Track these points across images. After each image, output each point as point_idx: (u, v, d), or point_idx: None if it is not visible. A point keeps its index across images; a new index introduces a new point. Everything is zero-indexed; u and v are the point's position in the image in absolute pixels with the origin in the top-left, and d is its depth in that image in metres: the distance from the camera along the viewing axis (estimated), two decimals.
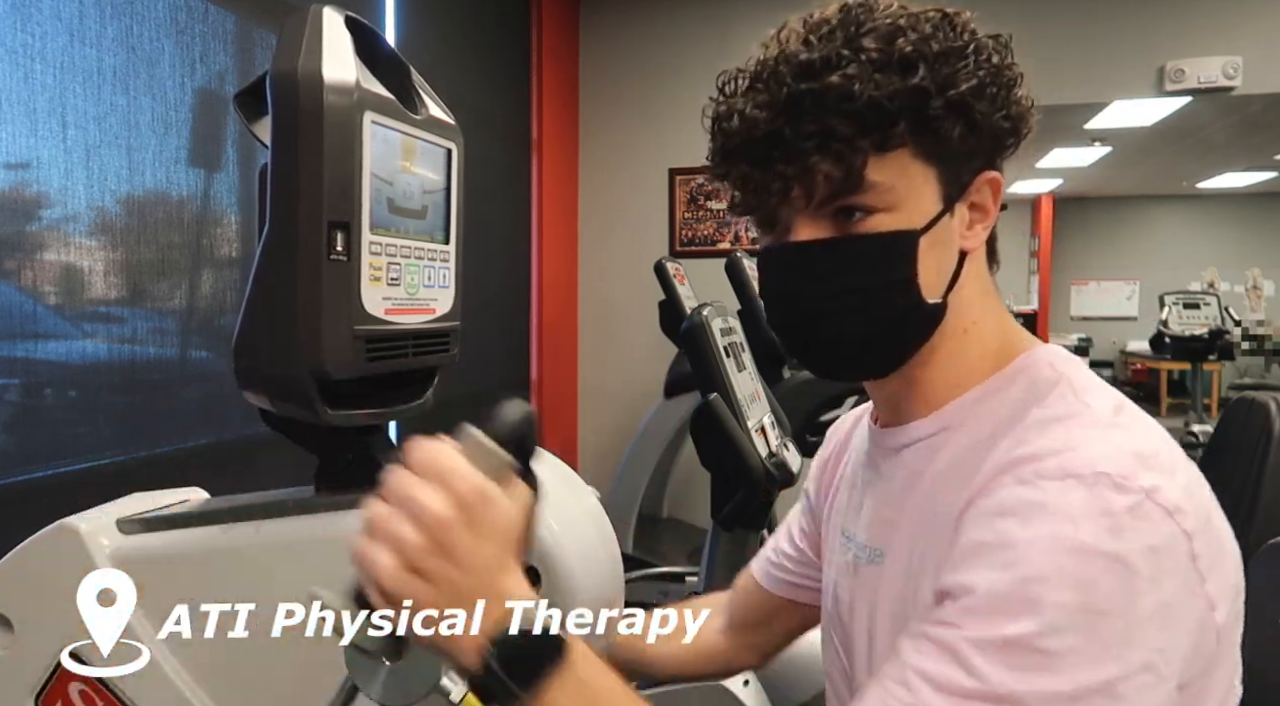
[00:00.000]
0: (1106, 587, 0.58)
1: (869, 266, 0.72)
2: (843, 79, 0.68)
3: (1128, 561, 0.58)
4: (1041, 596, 0.58)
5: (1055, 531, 0.60)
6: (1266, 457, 1.26)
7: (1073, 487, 0.61)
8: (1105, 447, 0.64)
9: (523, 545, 0.62)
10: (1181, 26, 3.43)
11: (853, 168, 0.69)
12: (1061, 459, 0.63)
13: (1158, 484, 0.61)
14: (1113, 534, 0.59)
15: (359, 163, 0.70)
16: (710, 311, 1.75)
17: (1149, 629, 0.59)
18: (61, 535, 0.79)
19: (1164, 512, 0.60)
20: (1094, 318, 10.16)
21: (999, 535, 0.62)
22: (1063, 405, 0.70)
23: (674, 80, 3.86)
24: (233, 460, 1.91)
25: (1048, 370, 0.74)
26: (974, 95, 0.70)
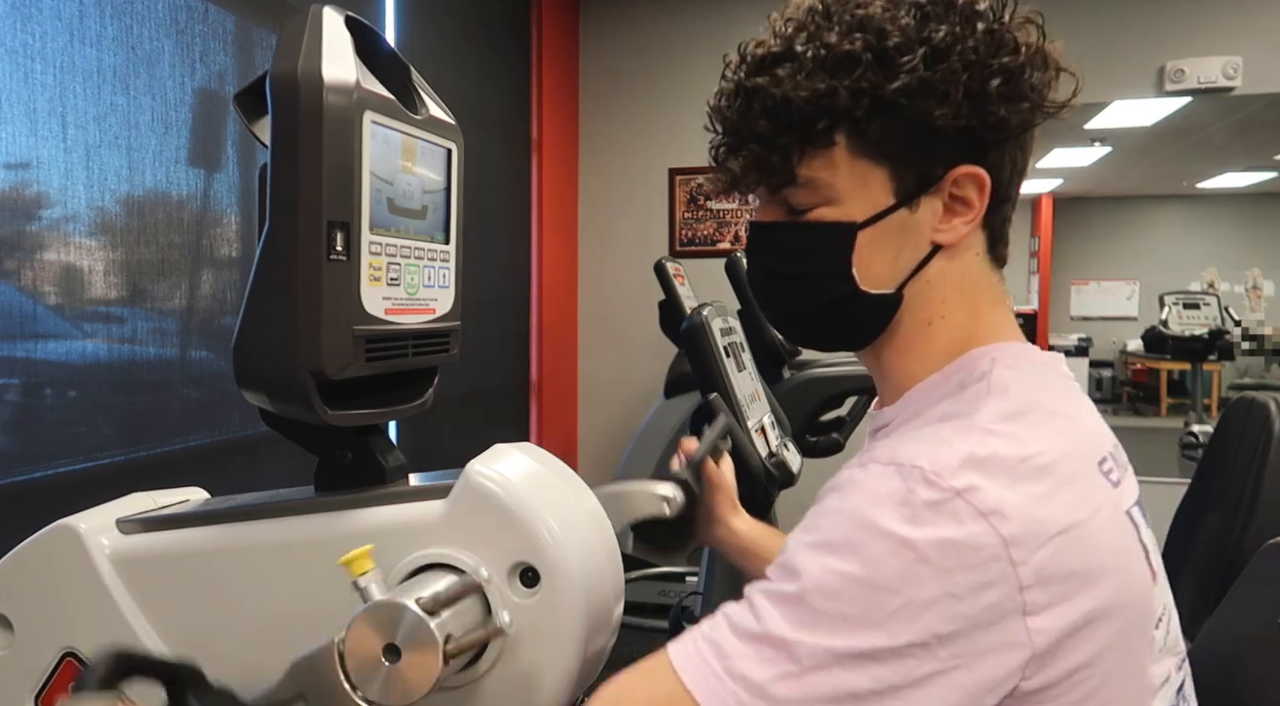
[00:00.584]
0: (889, 567, 0.61)
1: (803, 253, 0.77)
2: (769, 81, 0.72)
3: (916, 547, 0.61)
4: (826, 561, 0.62)
5: (857, 506, 0.64)
6: (1266, 457, 1.26)
7: (889, 475, 0.64)
8: (943, 448, 0.65)
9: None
10: (1181, 26, 3.43)
11: (774, 165, 0.74)
12: (898, 449, 0.67)
13: (976, 485, 0.62)
14: (908, 521, 0.62)
15: (359, 163, 0.70)
16: (710, 311, 1.75)
17: (928, 613, 0.60)
18: (61, 535, 0.79)
19: (974, 512, 0.61)
20: (1094, 317, 10.15)
21: (820, 505, 0.68)
22: (964, 404, 0.71)
23: (674, 80, 3.86)
24: (233, 460, 1.91)
25: (984, 366, 0.75)
26: (909, 94, 0.70)
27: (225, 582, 0.77)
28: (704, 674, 0.63)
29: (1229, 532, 1.25)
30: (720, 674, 0.62)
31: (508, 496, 0.72)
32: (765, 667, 0.61)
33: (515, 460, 0.77)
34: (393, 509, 0.75)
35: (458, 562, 0.71)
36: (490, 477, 0.73)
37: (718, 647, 0.64)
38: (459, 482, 0.73)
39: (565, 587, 0.71)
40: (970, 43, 0.71)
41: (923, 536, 0.61)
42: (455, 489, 0.73)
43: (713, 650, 0.64)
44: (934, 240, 0.76)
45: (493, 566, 0.71)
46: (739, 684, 0.62)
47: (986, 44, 0.71)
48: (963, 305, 0.78)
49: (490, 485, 0.72)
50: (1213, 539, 1.28)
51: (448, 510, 0.73)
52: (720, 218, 3.92)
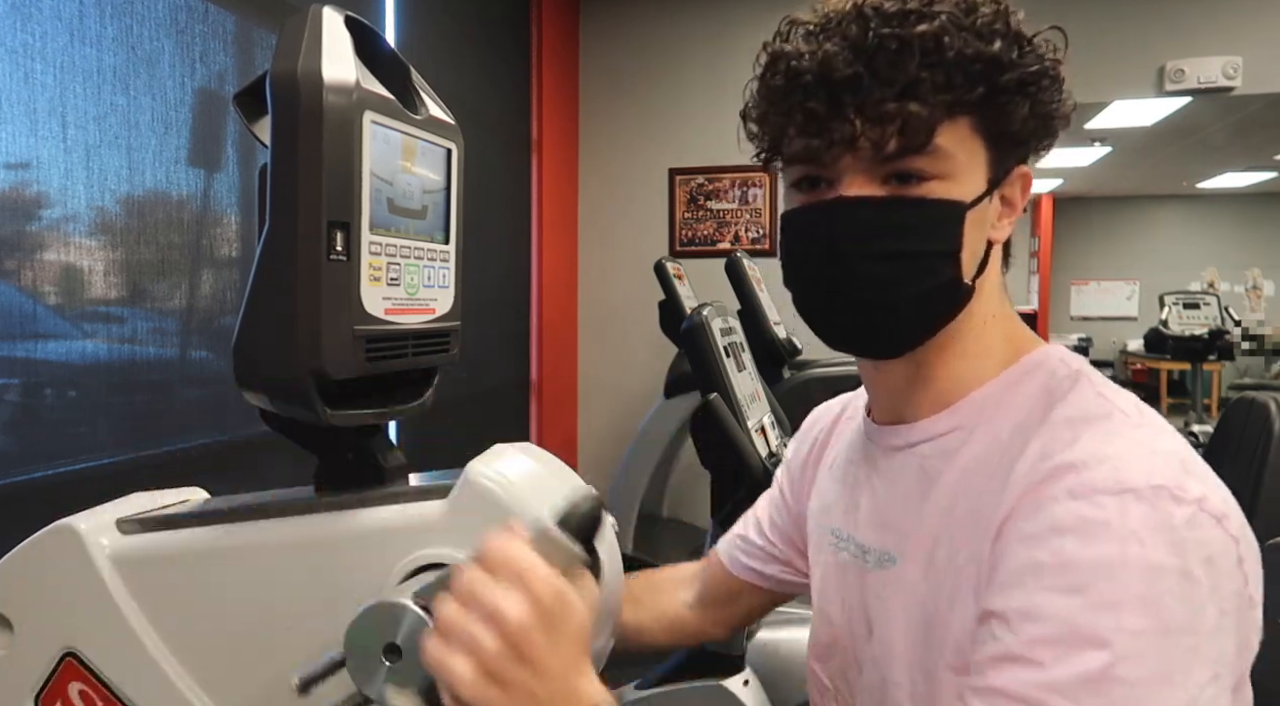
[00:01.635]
0: (1174, 605, 0.57)
1: (921, 231, 0.70)
2: (932, 30, 0.66)
3: (1191, 575, 0.58)
4: (1115, 623, 0.57)
5: (1121, 551, 0.58)
6: (1266, 457, 1.26)
7: (1131, 503, 0.59)
8: (1150, 456, 0.63)
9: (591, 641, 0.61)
10: (1181, 26, 3.43)
11: (926, 125, 0.67)
12: (1111, 470, 0.61)
13: (1205, 492, 0.61)
14: (1175, 548, 0.58)
15: (359, 163, 0.70)
16: (710, 311, 1.75)
17: (1214, 640, 0.58)
18: (61, 535, 0.79)
19: (1214, 520, 0.60)
20: (1094, 317, 10.16)
21: (1058, 555, 0.60)
22: (1086, 404, 0.69)
23: (674, 80, 3.86)
24: (233, 460, 1.91)
25: (1062, 367, 0.73)
26: (1037, 78, 0.70)
27: (225, 582, 0.77)
28: None
29: None
30: None
31: (508, 496, 0.72)
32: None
33: (515, 460, 0.77)
34: (393, 509, 0.75)
35: (458, 562, 0.71)
36: (490, 477, 0.73)
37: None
38: (459, 482, 0.73)
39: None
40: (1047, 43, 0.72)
41: (1189, 561, 0.58)
42: (455, 489, 0.73)
43: None
44: (990, 237, 0.74)
45: None
46: None
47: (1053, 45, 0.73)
48: (1003, 304, 0.77)
49: (490, 485, 0.72)
50: None
51: (448, 510, 0.73)
52: (720, 218, 3.92)
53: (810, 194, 0.74)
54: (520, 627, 0.55)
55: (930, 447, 0.75)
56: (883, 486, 0.79)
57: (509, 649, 0.55)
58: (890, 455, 0.79)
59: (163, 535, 0.80)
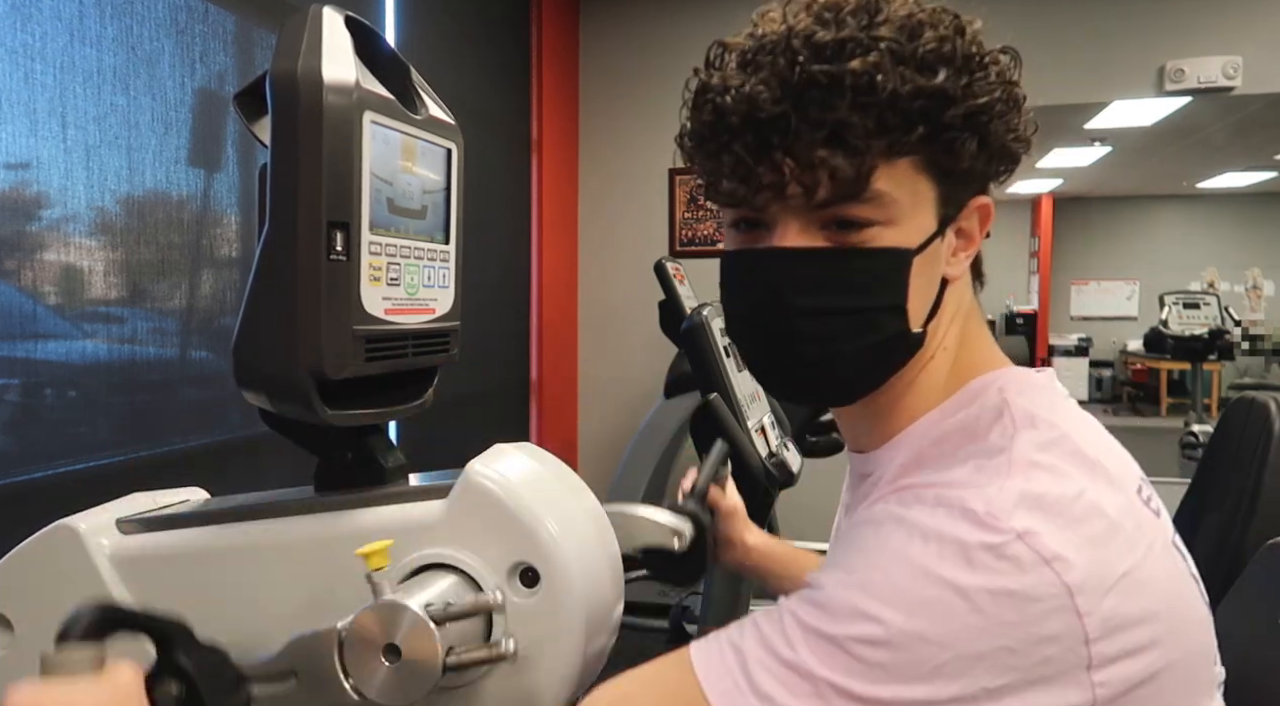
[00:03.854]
0: (939, 617, 0.55)
1: (862, 285, 0.66)
2: (864, 66, 0.60)
3: (970, 596, 0.55)
4: (866, 607, 0.57)
5: (905, 547, 0.58)
6: (1266, 457, 1.26)
7: (939, 516, 0.59)
8: (993, 487, 0.59)
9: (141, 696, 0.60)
10: (1181, 26, 3.43)
11: (863, 169, 0.62)
12: (942, 490, 0.61)
13: (1036, 529, 0.56)
14: (962, 566, 0.56)
15: (359, 163, 0.70)
16: (710, 311, 1.75)
17: (978, 667, 0.55)
18: (61, 535, 0.79)
19: (1037, 558, 0.55)
20: (1094, 317, 10.15)
21: (857, 540, 0.62)
22: (992, 438, 0.65)
23: (674, 80, 3.82)
24: (233, 460, 1.91)
25: (995, 397, 0.68)
26: (989, 110, 0.64)
27: (225, 582, 0.77)
28: (726, 683, 0.59)
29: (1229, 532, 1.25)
30: (742, 685, 0.59)
31: (507, 496, 0.72)
32: (789, 694, 0.57)
33: (515, 460, 0.77)
34: (393, 509, 0.75)
35: (458, 562, 0.71)
36: (490, 477, 0.73)
37: (743, 659, 0.60)
38: (459, 482, 0.73)
39: (565, 587, 0.71)
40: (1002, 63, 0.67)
41: (979, 584, 0.55)
42: (455, 489, 0.73)
43: (738, 659, 0.60)
44: (944, 274, 0.70)
45: (492, 566, 0.71)
46: (761, 700, 0.58)
47: (1009, 65, 0.67)
48: (955, 333, 0.73)
49: (490, 485, 0.72)
50: (1213, 539, 1.28)
51: (448, 510, 0.73)
52: (720, 218, 3.92)
53: (747, 235, 0.70)
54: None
55: (874, 477, 0.74)
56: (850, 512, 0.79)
57: None
58: (856, 481, 0.80)
59: (163, 535, 0.80)
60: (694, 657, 0.62)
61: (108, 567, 0.78)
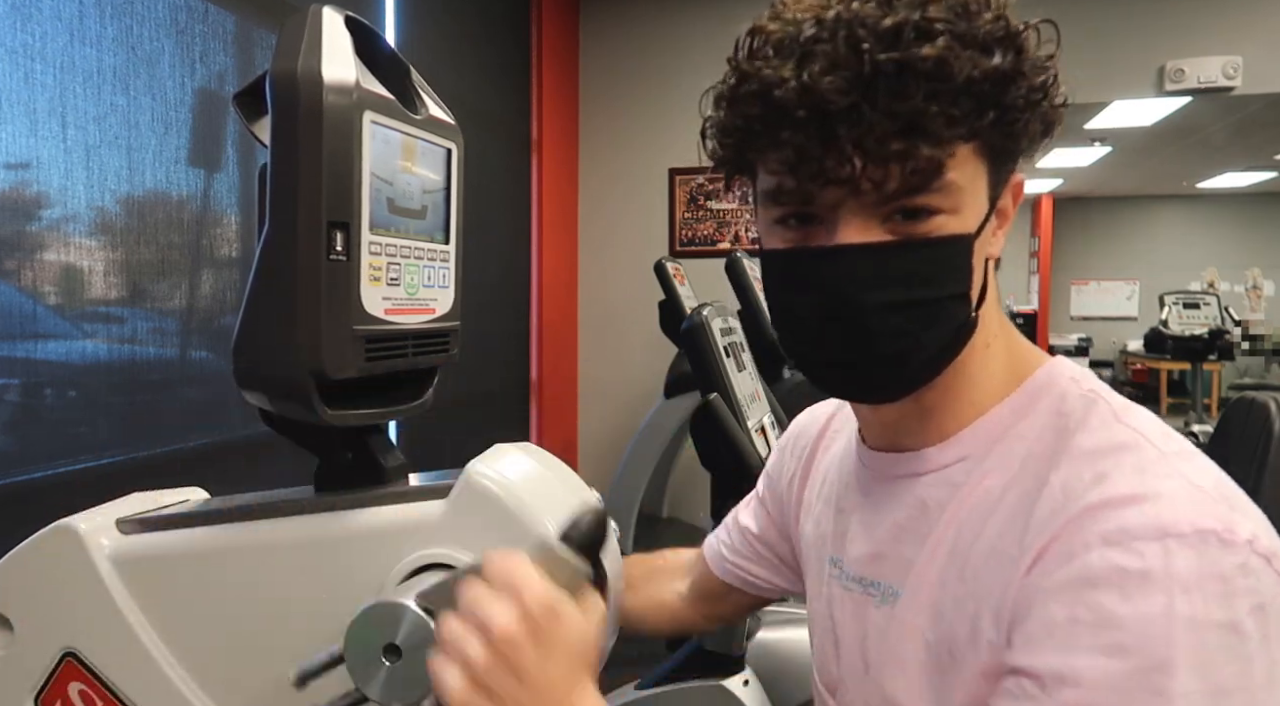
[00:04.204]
0: (1224, 662, 0.53)
1: (932, 275, 0.63)
2: (936, 52, 0.57)
3: (1240, 628, 0.53)
4: (1164, 686, 0.52)
5: (1167, 607, 0.53)
6: (1266, 457, 1.26)
7: (1175, 549, 0.54)
8: (1190, 492, 0.57)
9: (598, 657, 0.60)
10: (1181, 26, 3.43)
11: (942, 160, 0.59)
12: (1150, 512, 0.56)
13: (1255, 532, 0.56)
14: (1224, 599, 0.53)
15: (359, 163, 0.70)
16: (710, 311, 1.75)
17: (1264, 695, 0.54)
18: (61, 535, 0.79)
19: (1264, 562, 0.55)
20: (1094, 317, 10.16)
21: (1096, 611, 0.54)
22: (1109, 432, 0.63)
23: (674, 80, 3.86)
24: (233, 460, 1.91)
25: (1074, 387, 0.67)
26: (1045, 88, 0.63)
27: (225, 582, 0.77)
28: None
29: None
30: None
31: (508, 496, 0.72)
32: None
33: (515, 460, 0.77)
34: (393, 509, 0.75)
35: (458, 563, 0.71)
36: (490, 478, 0.73)
37: None
38: (459, 482, 0.73)
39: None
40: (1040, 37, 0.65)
41: (1238, 613, 0.53)
42: (455, 489, 0.73)
43: None
44: (988, 254, 0.67)
45: None
46: None
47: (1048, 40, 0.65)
48: (1001, 323, 0.71)
49: (490, 485, 0.72)
50: None
51: (448, 510, 0.73)
52: (720, 218, 3.92)
53: (799, 232, 0.66)
54: (507, 639, 0.56)
55: (933, 479, 0.70)
56: (877, 517, 0.74)
57: (497, 660, 0.56)
58: (886, 483, 0.74)
59: (163, 535, 0.80)
60: None
61: (108, 567, 0.78)
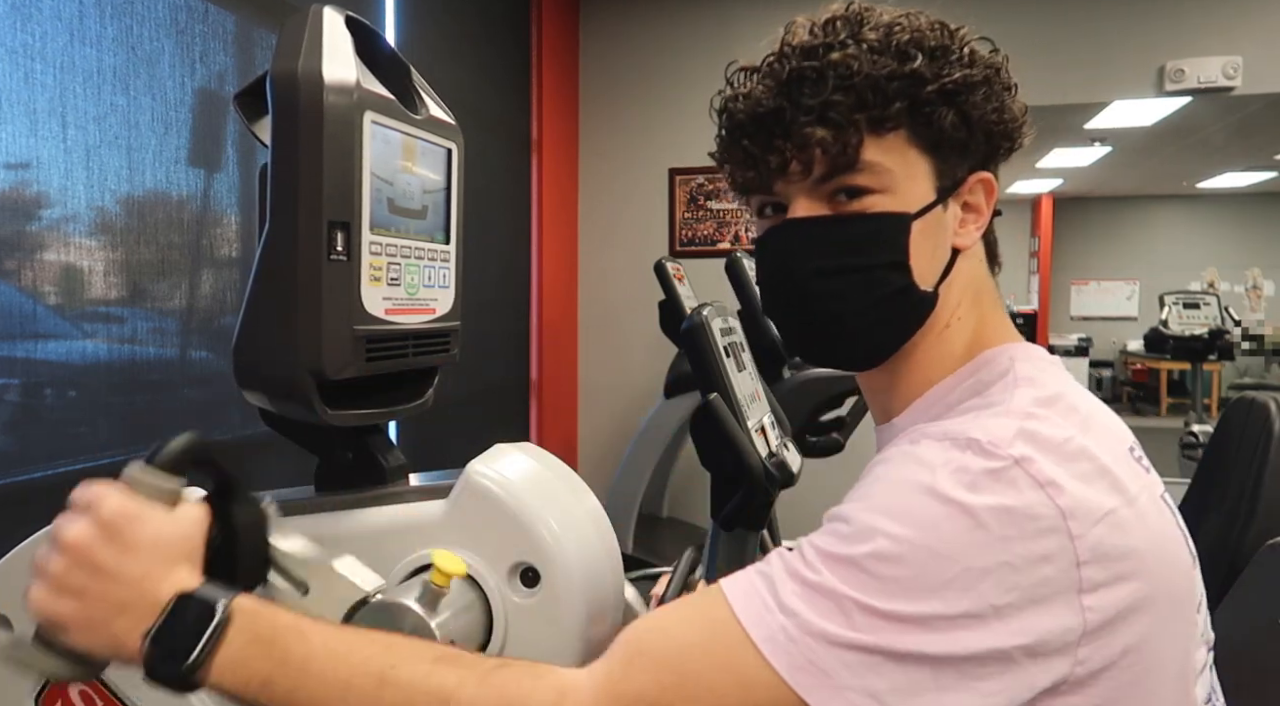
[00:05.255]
0: (946, 532, 0.61)
1: (864, 246, 0.74)
2: (843, 57, 0.71)
3: (974, 513, 0.60)
4: (880, 525, 0.62)
5: (914, 474, 0.64)
6: (1266, 457, 1.26)
7: (944, 447, 0.65)
8: (994, 422, 0.66)
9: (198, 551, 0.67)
10: (1181, 26, 3.43)
11: (848, 143, 0.71)
12: (947, 427, 0.68)
13: (1032, 456, 0.62)
14: (966, 488, 0.61)
15: (359, 163, 0.70)
16: (710, 311, 1.75)
17: (984, 582, 0.60)
18: None
19: (1032, 481, 0.61)
20: (1094, 317, 10.15)
21: (871, 476, 0.68)
22: (994, 395, 0.72)
23: (674, 80, 3.86)
24: (233, 460, 1.91)
25: (1003, 363, 0.75)
26: (965, 87, 0.73)
27: None
28: (754, 604, 0.63)
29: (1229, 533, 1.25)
30: (771, 606, 0.63)
31: (508, 496, 0.72)
32: (816, 611, 0.62)
33: (515, 460, 0.77)
34: (393, 509, 0.75)
35: None
36: (490, 478, 0.73)
37: (770, 583, 0.64)
38: (459, 483, 0.73)
39: (565, 587, 0.71)
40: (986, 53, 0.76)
41: (981, 502, 0.61)
42: (455, 489, 0.73)
43: (765, 584, 0.64)
44: (954, 244, 0.77)
45: (493, 566, 0.71)
46: (789, 617, 0.62)
47: (990, 55, 0.76)
48: (973, 308, 0.79)
49: (490, 485, 0.72)
50: (1213, 539, 1.28)
51: (448, 510, 0.73)
52: (720, 218, 3.92)
53: (772, 219, 0.79)
54: (79, 543, 0.64)
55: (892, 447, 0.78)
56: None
57: (73, 564, 0.64)
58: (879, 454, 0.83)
59: None
60: (725, 587, 0.66)
61: None
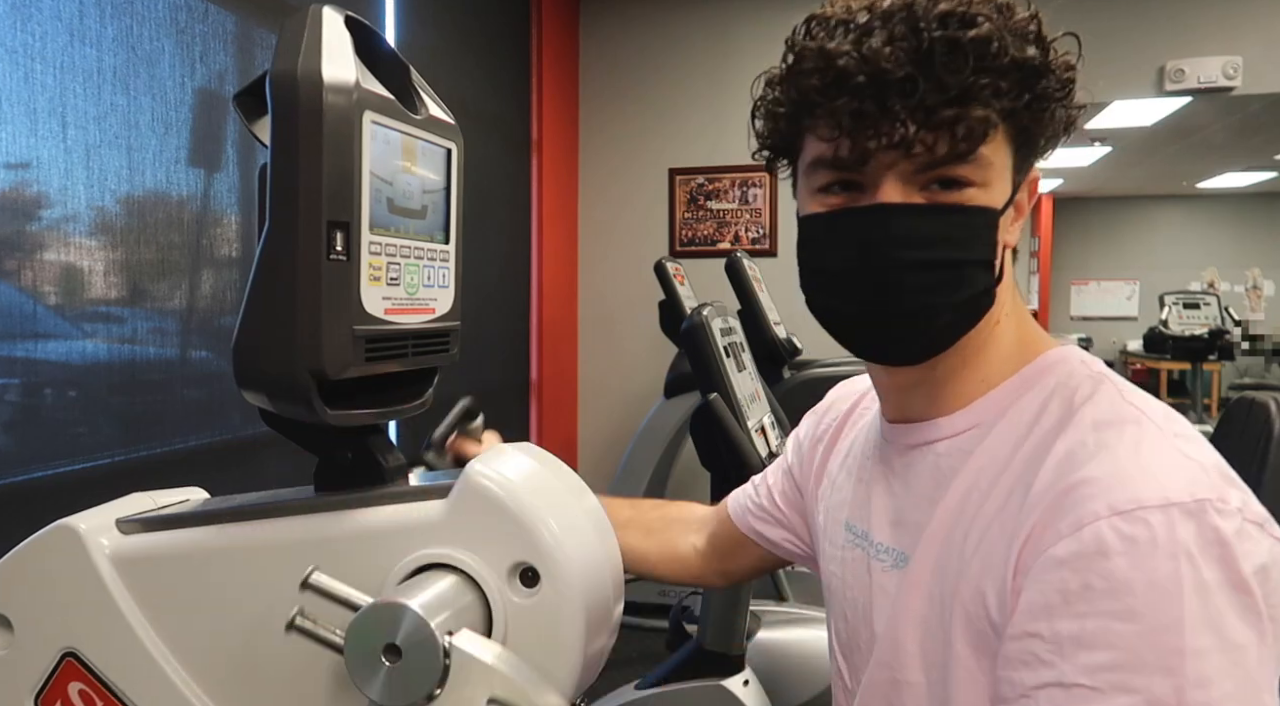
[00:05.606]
0: (1234, 621, 0.56)
1: (961, 240, 0.69)
2: (983, 32, 0.64)
3: (1247, 588, 0.57)
4: (1178, 647, 0.55)
5: (1174, 570, 0.56)
6: (1266, 457, 1.26)
7: (1178, 518, 0.58)
8: (1187, 465, 0.61)
9: None
10: (1181, 26, 3.43)
11: (987, 129, 0.66)
12: (1151, 483, 0.60)
13: (1246, 500, 0.60)
14: (1227, 563, 0.57)
15: (359, 163, 0.70)
16: (710, 311, 1.75)
17: (1272, 651, 0.57)
18: (61, 535, 0.79)
19: (1259, 528, 0.59)
20: (1094, 317, 10.15)
21: (1108, 578, 0.57)
22: (1112, 407, 0.67)
23: (674, 80, 3.86)
24: (233, 460, 1.91)
25: (1083, 367, 0.72)
26: (1069, 84, 0.70)
27: (225, 582, 0.77)
28: None
29: None
30: None
31: (508, 496, 0.72)
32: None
33: (515, 460, 0.77)
34: (393, 509, 0.75)
35: (458, 562, 0.71)
36: (490, 477, 0.73)
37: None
38: (459, 482, 0.73)
39: (565, 587, 0.71)
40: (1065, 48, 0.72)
41: (1242, 574, 0.57)
42: (455, 489, 0.73)
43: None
44: (1005, 241, 0.73)
45: (492, 566, 0.71)
46: None
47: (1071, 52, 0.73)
48: (1015, 304, 0.77)
49: (490, 485, 0.72)
50: None
51: (448, 510, 0.73)
52: (720, 218, 3.92)
53: (841, 198, 0.72)
54: None
55: (946, 446, 0.75)
56: (899, 485, 0.79)
57: None
58: (904, 453, 0.79)
59: (163, 535, 0.80)
60: None
61: (108, 567, 0.78)
